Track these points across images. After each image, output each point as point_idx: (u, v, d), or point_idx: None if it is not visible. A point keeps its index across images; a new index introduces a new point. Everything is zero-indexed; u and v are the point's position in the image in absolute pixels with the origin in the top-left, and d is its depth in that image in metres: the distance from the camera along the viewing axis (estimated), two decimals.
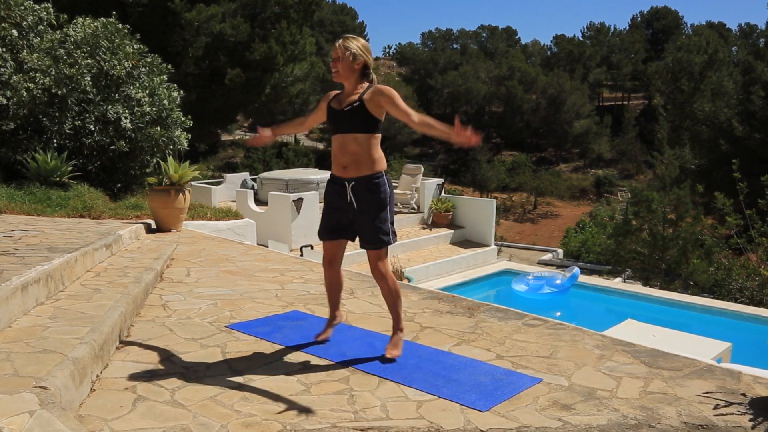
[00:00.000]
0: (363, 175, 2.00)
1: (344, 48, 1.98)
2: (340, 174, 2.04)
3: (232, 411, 1.69)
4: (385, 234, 2.02)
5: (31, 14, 5.71)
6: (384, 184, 2.02)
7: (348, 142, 1.99)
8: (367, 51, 2.03)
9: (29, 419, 1.33)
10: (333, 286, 2.23)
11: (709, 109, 17.46)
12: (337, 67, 1.99)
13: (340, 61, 1.98)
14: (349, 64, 1.98)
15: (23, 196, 4.65)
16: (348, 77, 2.00)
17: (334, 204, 2.08)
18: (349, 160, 2.00)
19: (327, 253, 2.16)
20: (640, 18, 48.91)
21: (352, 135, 1.99)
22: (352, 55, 1.98)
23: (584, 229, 18.50)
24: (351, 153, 1.99)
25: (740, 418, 1.73)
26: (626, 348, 2.32)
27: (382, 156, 2.04)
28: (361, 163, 1.99)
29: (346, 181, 2.02)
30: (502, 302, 3.41)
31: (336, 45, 2.00)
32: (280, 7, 14.54)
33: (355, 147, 1.99)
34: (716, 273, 7.18)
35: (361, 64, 2.00)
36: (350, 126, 1.99)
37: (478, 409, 1.75)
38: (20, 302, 2.16)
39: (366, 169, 2.00)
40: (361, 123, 1.97)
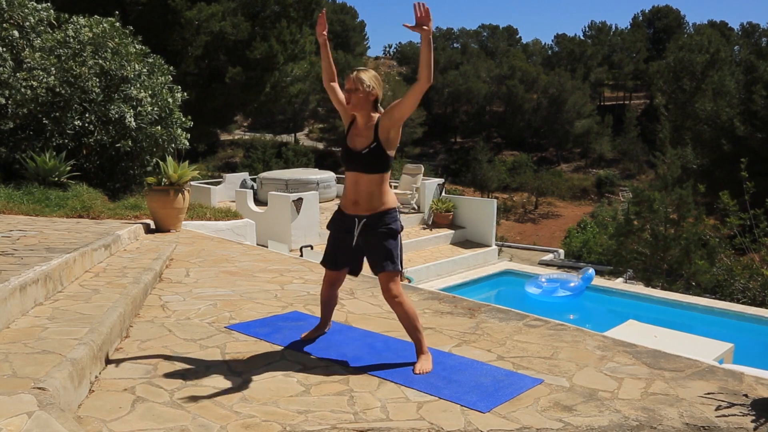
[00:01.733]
0: (375, 212, 2.04)
1: (359, 80, 2.01)
2: (351, 211, 2.07)
3: (231, 412, 1.68)
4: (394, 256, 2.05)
5: (32, 14, 5.71)
6: (396, 220, 2.07)
7: (362, 180, 2.04)
8: (379, 83, 2.07)
9: (27, 420, 1.32)
10: (329, 303, 2.28)
11: (710, 109, 17.42)
12: (352, 99, 2.03)
13: (355, 94, 2.02)
14: (365, 97, 2.02)
15: (21, 196, 4.64)
16: (362, 109, 2.04)
17: (340, 238, 2.11)
18: (362, 198, 2.04)
19: (329, 277, 2.20)
20: (641, 17, 48.84)
21: (367, 175, 2.03)
22: (368, 87, 2.02)
23: (585, 229, 18.48)
24: (364, 192, 2.04)
25: (742, 419, 1.73)
26: (628, 349, 2.32)
27: (392, 193, 2.10)
28: (373, 200, 2.04)
29: (357, 217, 2.06)
30: (511, 304, 3.40)
31: (350, 76, 2.03)
32: (280, 6, 14.54)
33: (369, 186, 2.04)
34: (718, 273, 7.15)
35: (375, 96, 2.05)
36: (366, 167, 2.03)
37: (478, 410, 1.75)
38: (18, 303, 2.16)
39: (378, 205, 2.04)
40: (378, 164, 2.02)
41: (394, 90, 28.77)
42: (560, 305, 6.33)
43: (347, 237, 2.07)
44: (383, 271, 2.03)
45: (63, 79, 5.43)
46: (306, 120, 37.77)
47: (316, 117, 35.95)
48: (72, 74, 5.45)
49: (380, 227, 2.03)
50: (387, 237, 2.04)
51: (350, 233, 2.06)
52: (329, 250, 2.16)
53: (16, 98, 5.25)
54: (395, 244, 2.05)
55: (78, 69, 5.45)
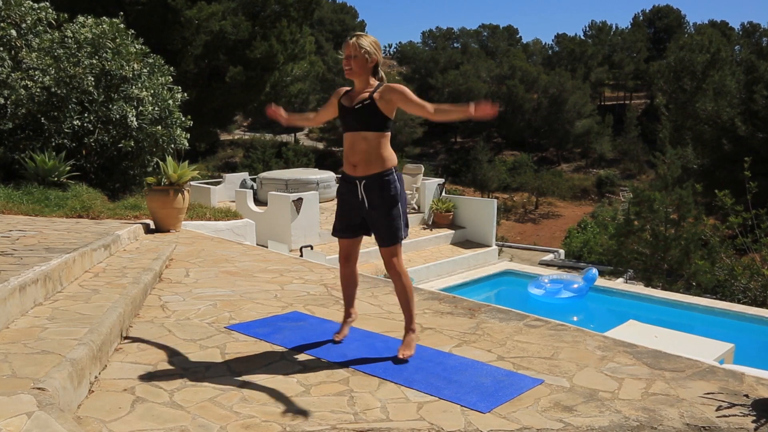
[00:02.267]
0: (373, 173, 2.00)
1: (358, 45, 1.98)
2: (351, 172, 2.04)
3: (231, 412, 1.68)
4: (396, 229, 2.02)
5: (30, 14, 5.70)
6: (394, 181, 2.03)
7: (358, 140, 2.00)
8: (378, 48, 2.04)
9: (27, 421, 1.32)
10: (349, 283, 2.24)
11: (711, 109, 17.40)
12: (350, 64, 1.99)
13: (354, 59, 1.98)
14: (363, 62, 1.99)
15: (21, 196, 4.63)
16: (361, 75, 2.00)
17: (347, 202, 2.09)
18: (359, 158, 2.00)
19: (343, 250, 2.17)
20: (642, 17, 48.79)
21: (362, 133, 1.99)
22: (367, 53, 1.98)
23: (586, 229, 18.47)
24: (361, 151, 2.00)
25: (743, 419, 1.72)
26: (628, 349, 2.31)
27: (392, 154, 2.04)
28: (371, 161, 2.00)
29: (357, 179, 2.03)
30: (511, 304, 3.39)
31: (348, 42, 1.99)
32: (280, 6, 14.54)
33: (365, 145, 1.99)
34: (719, 273, 7.14)
35: (374, 61, 2.01)
36: (360, 124, 1.99)
37: (479, 410, 1.74)
38: (18, 303, 2.15)
39: (376, 167, 2.00)
40: (372, 121, 1.98)
41: None
42: (561, 306, 6.32)
43: (353, 199, 2.04)
44: (386, 246, 2.03)
45: (59, 79, 5.42)
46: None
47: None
48: (67, 74, 5.43)
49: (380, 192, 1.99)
50: (389, 207, 2.00)
51: (355, 194, 2.03)
52: (338, 215, 2.12)
53: (14, 98, 5.24)
54: (397, 213, 2.01)
55: (72, 69, 5.43)
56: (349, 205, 2.07)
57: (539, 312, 2.97)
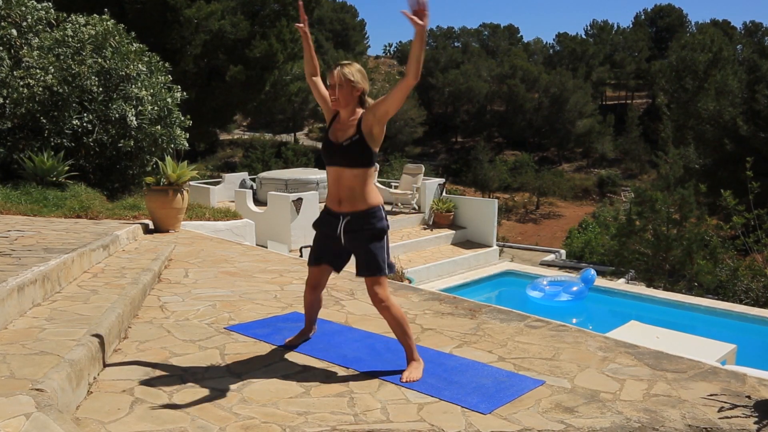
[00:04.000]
0: (359, 210, 1.97)
1: (343, 75, 1.94)
2: (335, 208, 2.01)
3: (230, 414, 1.67)
4: (381, 260, 1.97)
5: (31, 13, 5.69)
6: (381, 218, 1.99)
7: (344, 176, 1.96)
8: (364, 77, 1.99)
9: (25, 422, 1.32)
10: (313, 307, 2.23)
11: (713, 108, 17.34)
12: (336, 94, 1.96)
13: (339, 89, 1.95)
14: (349, 91, 1.95)
15: (19, 196, 4.62)
16: (347, 105, 1.97)
17: (326, 233, 2.06)
18: (344, 194, 1.97)
19: (312, 278, 2.14)
20: (643, 16, 48.71)
21: (349, 170, 1.96)
22: (352, 83, 1.95)
23: (587, 229, 18.44)
24: (347, 188, 1.96)
25: (745, 420, 1.71)
26: (630, 350, 2.30)
27: (376, 190, 2.02)
28: (356, 197, 1.96)
29: (342, 215, 1.99)
30: (512, 305, 3.38)
31: (334, 72, 1.96)
32: (280, 5, 14.52)
33: (352, 182, 1.96)
34: (721, 274, 7.12)
35: (360, 91, 1.97)
36: (348, 161, 1.95)
37: (479, 411, 1.74)
38: (16, 303, 2.15)
39: (361, 204, 1.97)
40: (359, 158, 1.94)
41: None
42: (562, 307, 6.30)
43: (333, 235, 2.01)
44: (368, 276, 1.97)
45: (61, 77, 5.41)
46: (306, 119, 37.78)
47: (316, 116, 35.94)
48: (70, 73, 5.42)
49: (364, 228, 1.96)
50: (372, 239, 1.96)
51: (334, 230, 2.00)
52: (314, 248, 2.10)
53: (13, 97, 5.23)
54: (380, 246, 1.97)
55: (77, 68, 5.43)
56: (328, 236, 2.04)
57: (540, 313, 2.96)
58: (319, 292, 2.19)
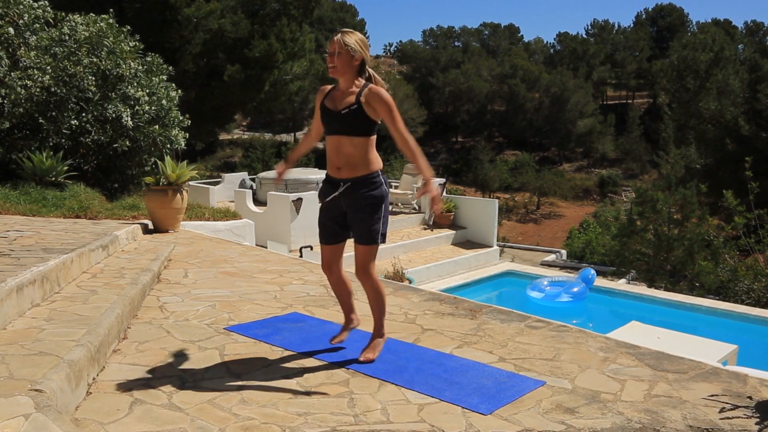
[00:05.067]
0: (359, 176, 1.95)
1: (343, 43, 1.91)
2: (335, 175, 2.00)
3: (230, 414, 1.67)
4: (376, 231, 1.97)
5: (28, 12, 5.68)
6: (380, 183, 1.98)
7: (344, 144, 1.95)
8: (365, 46, 1.97)
9: (24, 423, 1.31)
10: (339, 291, 2.18)
11: (714, 108, 17.30)
12: (334, 62, 1.93)
13: (338, 56, 1.92)
14: (348, 59, 1.92)
15: (18, 197, 4.61)
16: (345, 73, 1.94)
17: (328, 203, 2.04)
18: (343, 161, 1.95)
19: (324, 258, 2.13)
20: (644, 15, 48.68)
21: (349, 138, 1.94)
22: (351, 50, 1.92)
23: (588, 229, 18.40)
24: (346, 155, 1.95)
25: (746, 421, 1.71)
26: (630, 350, 2.30)
27: (377, 157, 2.00)
28: (357, 164, 1.95)
29: (342, 181, 1.98)
30: (513, 305, 3.38)
31: (333, 39, 1.93)
32: (280, 4, 14.50)
33: (351, 149, 1.94)
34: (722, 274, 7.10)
35: (359, 60, 1.94)
36: (347, 128, 1.93)
37: (480, 412, 1.73)
38: (15, 304, 2.15)
39: (362, 170, 1.96)
40: (358, 126, 1.93)
41: (394, 89, 28.71)
42: (563, 307, 6.28)
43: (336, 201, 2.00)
44: (362, 244, 1.98)
45: (58, 78, 5.40)
46: (305, 119, 37.76)
47: None
48: (67, 73, 5.41)
49: (363, 194, 1.95)
50: (370, 209, 1.96)
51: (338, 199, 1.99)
52: (321, 220, 2.08)
53: (11, 97, 5.23)
54: (377, 217, 1.96)
55: (73, 68, 5.41)
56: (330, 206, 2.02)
57: (541, 313, 2.96)
58: (338, 272, 2.13)
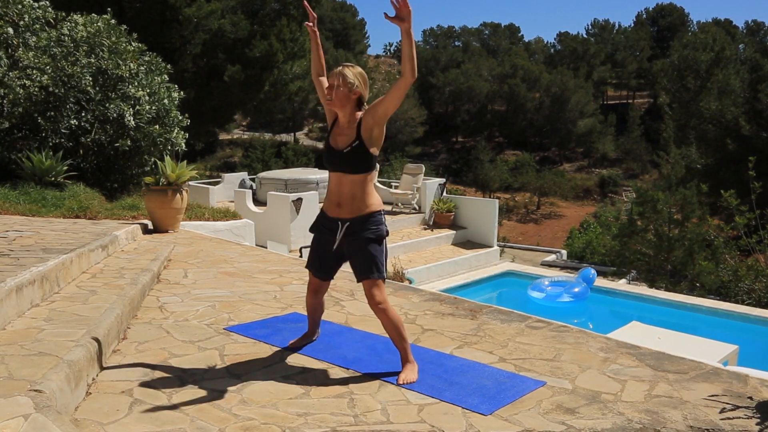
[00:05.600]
0: (360, 215, 1.96)
1: (343, 77, 1.92)
2: (334, 214, 1.99)
3: (230, 415, 1.67)
4: (380, 264, 1.96)
5: (28, 12, 5.68)
6: (381, 223, 1.98)
7: (345, 182, 1.96)
8: (365, 81, 1.97)
9: (24, 423, 1.31)
10: (316, 310, 2.22)
11: (715, 108, 17.27)
12: (332, 95, 1.94)
13: (336, 90, 1.93)
14: (346, 94, 1.93)
15: (18, 197, 4.61)
16: (343, 107, 1.95)
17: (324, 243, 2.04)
18: (346, 199, 1.96)
19: (313, 284, 2.13)
20: (645, 15, 48.66)
21: (351, 176, 1.95)
22: (350, 85, 1.93)
23: (588, 229, 18.41)
24: (347, 194, 1.96)
25: (747, 422, 1.70)
26: (631, 351, 2.29)
27: (377, 196, 2.01)
28: (357, 203, 1.96)
29: (340, 221, 1.98)
30: (513, 305, 3.38)
31: (334, 72, 1.95)
32: (280, 4, 14.50)
33: (352, 188, 1.95)
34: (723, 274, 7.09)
35: (358, 94, 1.95)
36: (349, 167, 1.94)
37: (480, 412, 1.73)
38: (15, 304, 2.14)
39: (362, 208, 1.96)
40: (361, 164, 1.94)
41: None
42: (563, 307, 6.27)
43: (330, 240, 2.00)
44: (367, 278, 1.96)
45: (57, 78, 5.39)
46: (305, 119, 37.81)
47: (316, 116, 35.95)
48: (65, 73, 5.41)
49: (364, 232, 1.95)
50: (371, 243, 1.95)
51: (333, 237, 1.98)
52: (312, 254, 2.10)
53: (10, 97, 5.22)
54: (380, 250, 1.96)
55: (70, 68, 5.41)
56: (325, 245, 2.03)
57: (541, 313, 2.95)
58: (321, 297, 2.18)
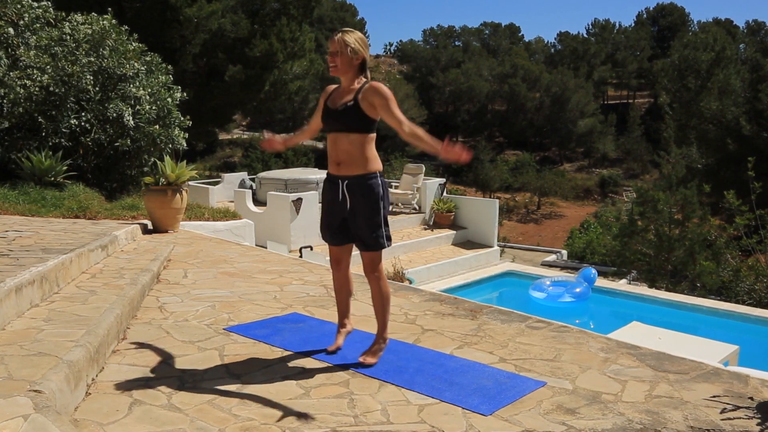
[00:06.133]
0: (356, 174, 1.96)
1: (344, 42, 1.92)
2: (334, 172, 2.01)
3: (230, 415, 1.67)
4: (379, 237, 1.98)
5: (28, 12, 5.67)
6: (378, 185, 1.98)
7: (341, 140, 1.97)
8: (365, 45, 1.98)
9: (23, 423, 1.31)
10: (341, 290, 2.17)
11: (716, 108, 17.26)
12: (336, 61, 1.94)
13: (339, 56, 1.93)
14: (348, 59, 1.93)
15: (17, 197, 4.61)
16: (346, 72, 1.96)
17: (330, 202, 2.05)
18: (343, 157, 1.97)
19: (332, 254, 2.14)
20: (645, 15, 48.66)
21: (345, 134, 1.96)
22: (352, 50, 1.93)
23: (589, 229, 18.40)
24: (344, 152, 1.96)
25: (747, 422, 1.70)
26: (632, 351, 2.29)
27: (376, 156, 2.00)
28: (355, 162, 1.96)
29: (340, 179, 1.99)
30: (514, 306, 3.38)
31: (334, 38, 1.94)
32: (280, 4, 14.50)
33: (348, 146, 1.96)
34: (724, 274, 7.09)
35: (360, 59, 1.96)
36: (344, 125, 1.95)
37: (480, 413, 1.73)
38: (14, 304, 2.14)
39: (359, 168, 1.96)
40: (355, 123, 1.94)
41: (394, 89, 28.74)
42: (564, 307, 6.27)
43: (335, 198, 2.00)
44: (366, 250, 2.00)
45: (57, 77, 5.39)
46: (305, 119, 37.66)
47: None
48: (66, 73, 5.40)
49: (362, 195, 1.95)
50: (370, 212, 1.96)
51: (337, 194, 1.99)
52: (322, 221, 2.09)
53: (10, 97, 5.22)
54: (379, 220, 1.97)
55: (71, 68, 5.41)
56: (332, 205, 2.03)
57: (541, 313, 2.95)
58: (345, 270, 2.13)
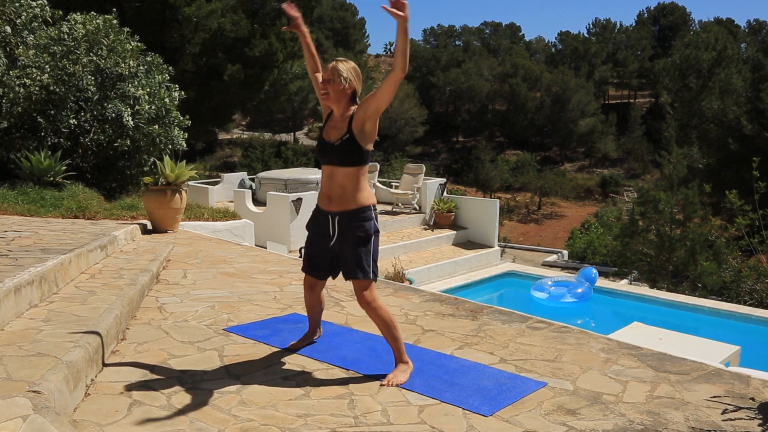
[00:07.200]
0: (349, 210, 1.96)
1: (336, 71, 1.93)
2: (326, 207, 2.00)
3: (229, 416, 1.66)
4: (367, 265, 1.96)
5: (26, 11, 5.66)
6: (370, 219, 1.97)
7: (337, 173, 1.96)
8: (358, 76, 1.99)
9: (22, 424, 1.31)
10: (314, 309, 2.20)
11: (717, 107, 17.24)
12: (328, 89, 1.95)
13: (331, 84, 1.94)
14: (341, 89, 1.94)
15: (16, 197, 4.61)
16: (338, 101, 1.96)
17: (317, 235, 2.04)
18: (336, 192, 1.97)
19: (307, 280, 2.13)
20: (646, 14, 48.61)
21: (342, 169, 1.95)
22: (345, 79, 1.94)
23: (590, 230, 18.40)
24: (339, 185, 1.96)
25: (749, 423, 1.70)
26: (632, 351, 2.28)
27: (369, 191, 2.01)
28: (348, 196, 1.96)
29: (330, 214, 1.98)
30: (514, 306, 3.37)
31: (327, 66, 1.96)
32: (280, 3, 14.46)
33: (344, 179, 1.96)
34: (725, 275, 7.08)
35: (352, 89, 1.97)
36: (340, 159, 1.95)
37: (481, 413, 1.72)
38: (13, 305, 2.14)
39: (352, 203, 1.96)
40: (351, 157, 1.94)
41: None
42: (564, 308, 6.26)
43: (324, 237, 2.00)
44: (354, 279, 1.96)
45: (57, 77, 5.37)
46: (305, 119, 37.78)
47: (316, 116, 35.95)
48: (66, 72, 5.39)
49: (353, 228, 1.95)
50: (359, 243, 1.95)
51: (327, 232, 1.98)
52: (307, 251, 2.09)
53: (9, 96, 5.21)
54: (367, 250, 1.95)
55: (72, 67, 5.40)
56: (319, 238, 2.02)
57: (542, 314, 2.94)
58: (318, 293, 2.16)
